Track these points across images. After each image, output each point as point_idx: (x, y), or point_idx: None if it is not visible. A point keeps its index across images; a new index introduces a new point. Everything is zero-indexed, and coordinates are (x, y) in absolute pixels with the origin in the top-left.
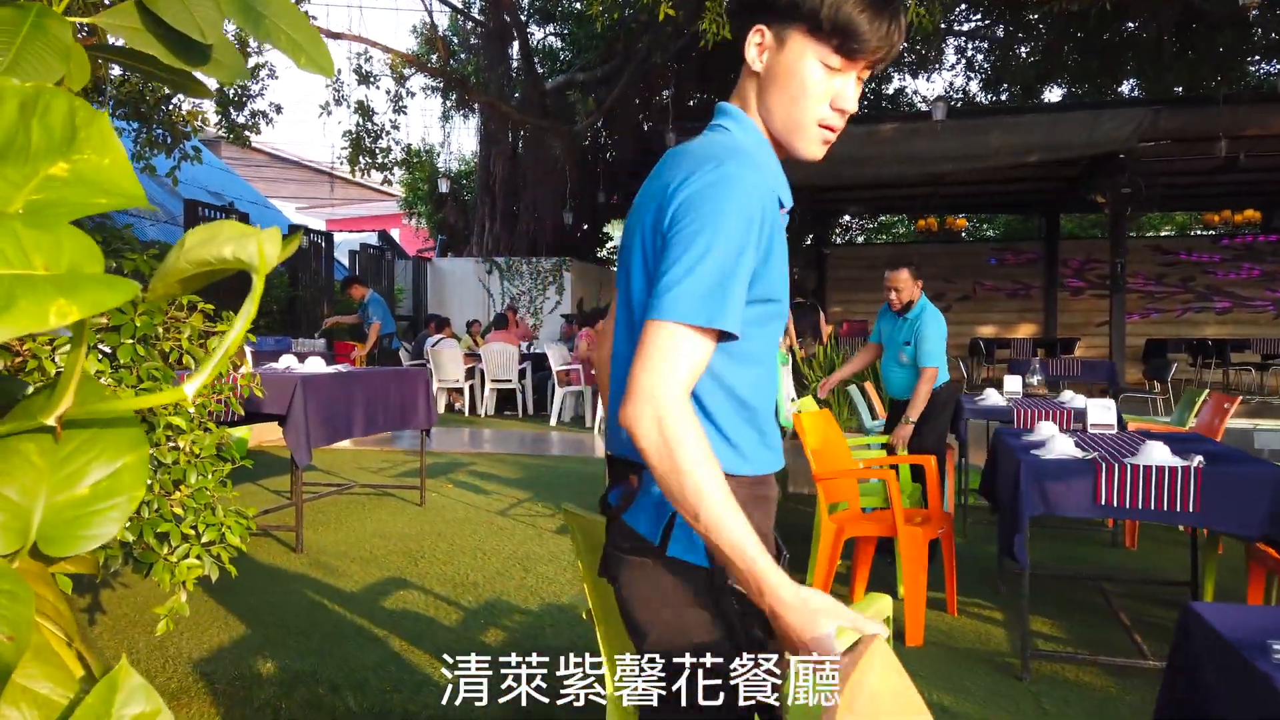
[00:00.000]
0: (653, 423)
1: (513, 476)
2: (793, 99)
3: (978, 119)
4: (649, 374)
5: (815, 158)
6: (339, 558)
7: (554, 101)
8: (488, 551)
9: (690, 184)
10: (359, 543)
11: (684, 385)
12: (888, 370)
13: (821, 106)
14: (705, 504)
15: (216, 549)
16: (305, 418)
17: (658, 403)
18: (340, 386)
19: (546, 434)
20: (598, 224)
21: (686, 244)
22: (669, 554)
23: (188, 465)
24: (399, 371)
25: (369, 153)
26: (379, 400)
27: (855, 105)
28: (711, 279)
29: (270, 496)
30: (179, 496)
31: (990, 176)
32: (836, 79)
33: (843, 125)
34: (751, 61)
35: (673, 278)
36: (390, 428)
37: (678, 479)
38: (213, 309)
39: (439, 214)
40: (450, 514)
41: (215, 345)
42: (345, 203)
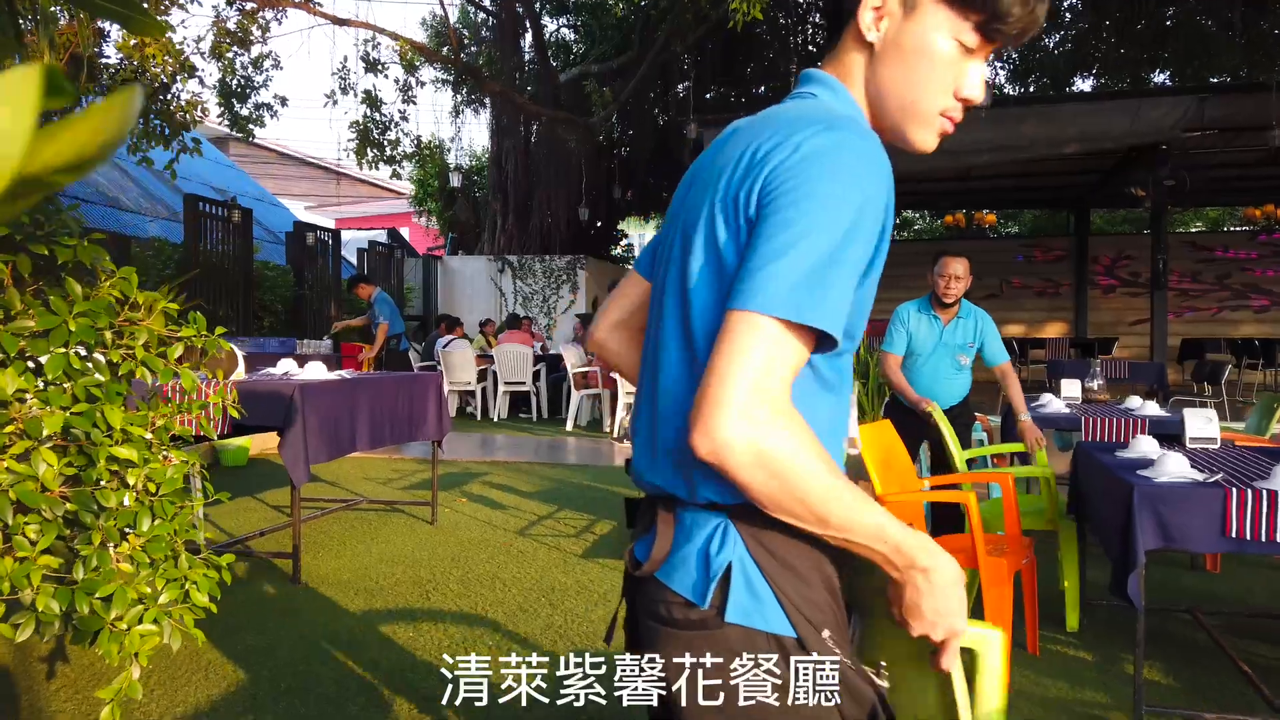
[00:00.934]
0: (745, 440)
1: (530, 489)
2: (919, 80)
3: (1013, 108)
4: (731, 378)
5: (927, 149)
6: (341, 589)
7: (568, 95)
8: (507, 581)
9: (788, 147)
10: (365, 570)
11: (776, 387)
12: (935, 378)
13: (948, 93)
14: (833, 509)
15: (179, 610)
16: (304, 431)
17: (747, 412)
18: (343, 396)
19: (563, 440)
20: (613, 221)
21: (784, 219)
22: (728, 620)
23: (139, 507)
24: (408, 377)
25: (377, 145)
26: (387, 410)
27: (982, 95)
28: (808, 264)
29: (269, 514)
30: (127, 548)
31: (1020, 170)
32: (969, 62)
33: (961, 117)
34: (866, 29)
35: (761, 259)
36: (399, 440)
37: (794, 500)
38: (178, 309)
39: (449, 211)
40: (465, 534)
41: (175, 353)
42: (355, 201)
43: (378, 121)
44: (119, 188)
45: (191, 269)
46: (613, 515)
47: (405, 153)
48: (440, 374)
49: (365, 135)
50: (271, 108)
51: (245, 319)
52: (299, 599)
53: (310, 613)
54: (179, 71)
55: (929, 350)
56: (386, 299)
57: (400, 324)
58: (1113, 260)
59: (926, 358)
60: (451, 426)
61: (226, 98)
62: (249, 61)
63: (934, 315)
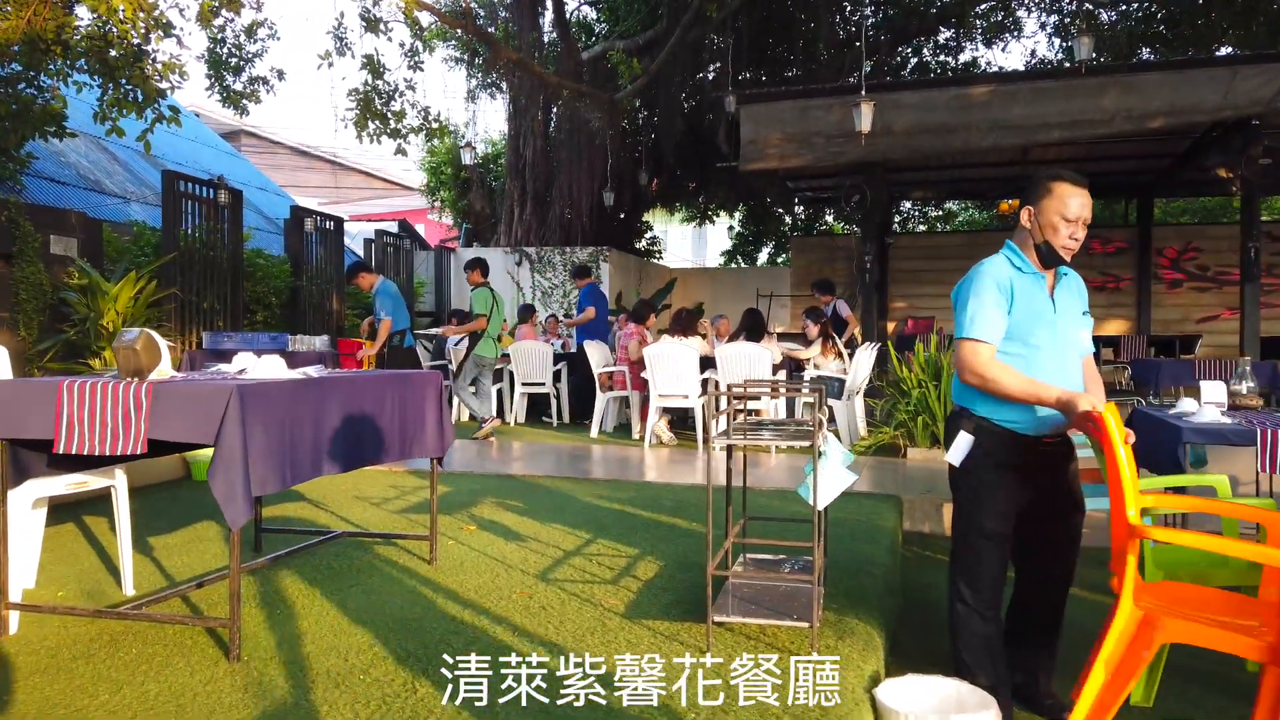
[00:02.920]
0: None
1: (553, 512)
2: None
3: (1090, 78)
4: None
5: None
6: (293, 675)
7: (591, 75)
8: (528, 657)
9: None
10: (330, 643)
11: None
12: (1063, 374)
13: None
14: None
15: None
16: (243, 451)
17: None
18: (305, 402)
19: (588, 448)
20: (638, 210)
21: None
22: None
23: None
24: (397, 377)
25: (379, 116)
26: (368, 419)
27: None
28: None
29: (220, 553)
30: None
31: (1083, 153)
32: None
33: None
34: None
35: None
36: (386, 458)
37: None
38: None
39: (463, 200)
40: (472, 579)
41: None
42: (370, 197)
43: (380, 90)
44: (102, 170)
45: (174, 255)
46: (654, 549)
47: (411, 126)
48: (439, 375)
49: (367, 105)
50: (268, 82)
51: (234, 312)
52: (229, 692)
53: (243, 712)
54: (152, 29)
55: (1044, 329)
56: (390, 290)
57: (405, 318)
58: (1179, 252)
59: (1045, 344)
60: (455, 438)
61: (217, 69)
62: (241, 30)
63: (1039, 276)
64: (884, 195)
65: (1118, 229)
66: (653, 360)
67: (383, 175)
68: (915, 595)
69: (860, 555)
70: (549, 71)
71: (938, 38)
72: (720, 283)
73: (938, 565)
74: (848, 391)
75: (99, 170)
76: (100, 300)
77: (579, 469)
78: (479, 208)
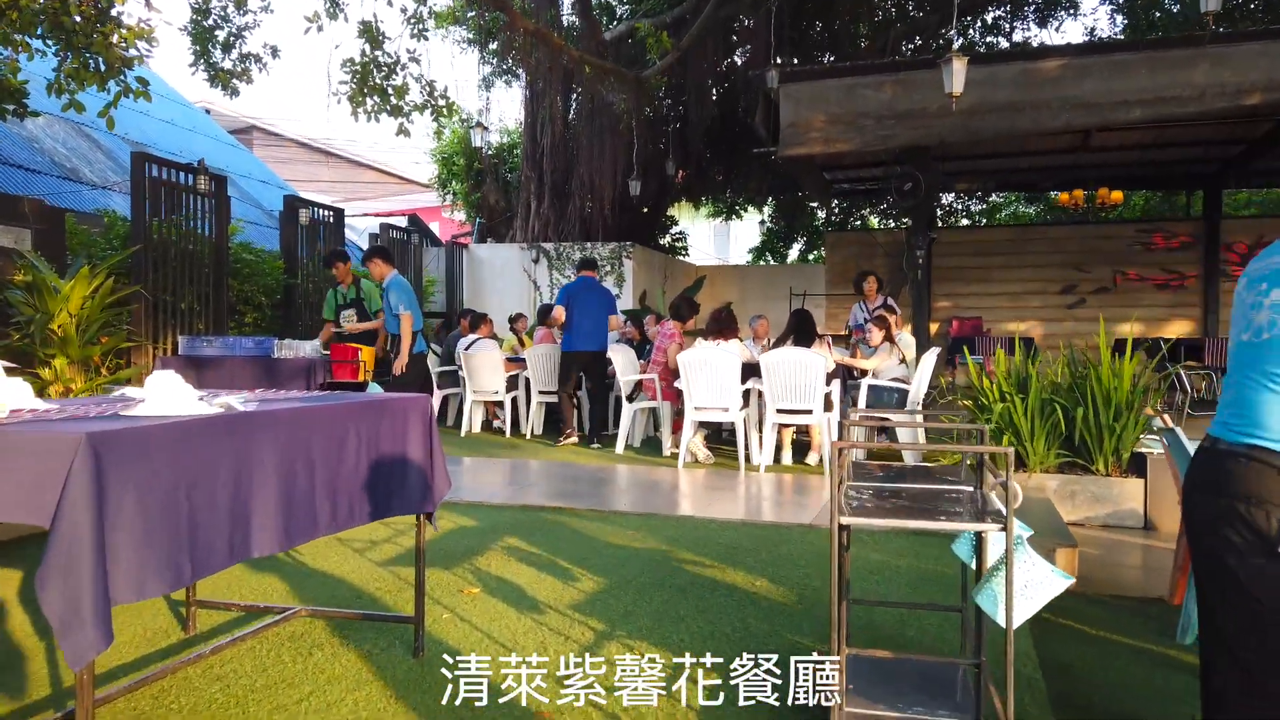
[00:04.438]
0: None
1: (577, 559)
2: None
3: (1176, 49)
4: None
5: None
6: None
7: (614, 55)
8: None
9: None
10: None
11: None
12: None
13: None
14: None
15: None
16: (96, 540)
17: None
18: (218, 451)
19: (613, 469)
20: (664, 203)
21: None
22: None
23: None
24: (369, 406)
25: (378, 91)
26: (324, 469)
27: None
28: None
29: (152, 626)
30: None
31: (1150, 139)
32: None
33: None
34: None
35: None
36: (353, 521)
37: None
38: None
39: (476, 193)
40: (470, 687)
41: None
42: (384, 195)
43: (379, 62)
44: (81, 157)
45: (140, 246)
46: (714, 625)
47: (415, 103)
48: (427, 399)
49: (364, 78)
50: (260, 59)
51: (218, 313)
52: None
53: None
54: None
55: None
56: (402, 284)
57: (419, 317)
58: (1250, 247)
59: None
60: (470, 440)
61: (203, 43)
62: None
63: None
64: (941, 184)
65: (1181, 222)
66: (688, 368)
67: (398, 172)
68: (1060, 684)
69: None
70: (571, 48)
71: (985, 17)
72: (749, 281)
73: (1066, 635)
74: (911, 404)
75: (77, 157)
76: (49, 300)
77: (607, 498)
78: (493, 201)
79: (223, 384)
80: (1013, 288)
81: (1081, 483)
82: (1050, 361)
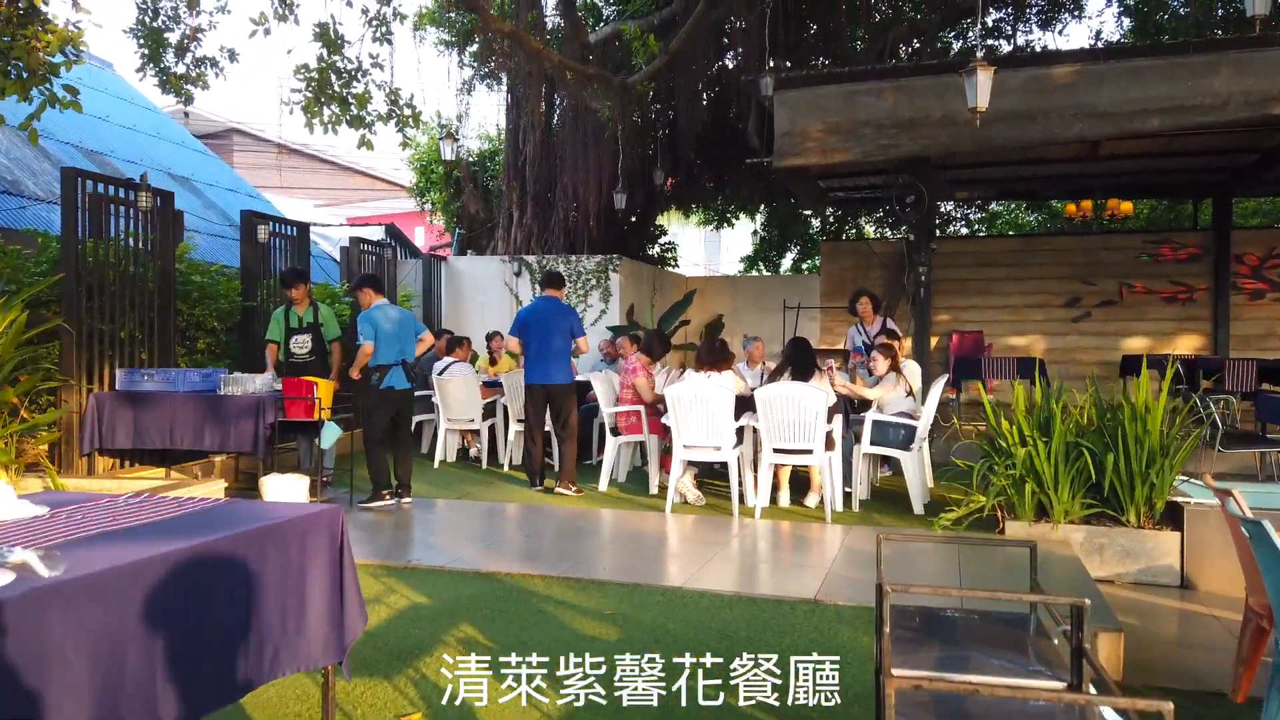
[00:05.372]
0: None
1: (552, 661)
2: None
3: (1196, 55)
4: None
5: None
6: None
7: (600, 59)
8: None
9: None
10: None
11: None
12: None
13: None
14: None
15: None
16: None
17: None
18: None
19: (596, 514)
20: (652, 212)
21: None
22: None
23: None
24: (252, 536)
25: (338, 100)
26: (161, 643)
27: None
28: None
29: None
30: None
31: (1160, 147)
32: None
33: None
34: None
35: None
36: (220, 701)
37: None
38: None
39: (456, 203)
40: None
41: None
42: (371, 199)
43: (339, 68)
44: (24, 168)
45: (69, 270)
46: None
47: (378, 113)
48: (336, 511)
49: (321, 85)
50: (216, 63)
51: (163, 342)
52: None
53: None
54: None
55: None
56: (371, 317)
57: (396, 351)
58: (1261, 259)
59: None
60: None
61: (154, 46)
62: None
63: None
64: (943, 195)
65: (1190, 232)
66: (677, 403)
67: (385, 177)
68: None
69: None
70: (552, 52)
71: (986, 20)
72: (741, 292)
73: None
74: (918, 440)
75: (20, 168)
76: None
77: (585, 559)
78: (473, 211)
79: (162, 424)
80: (1014, 300)
81: (1110, 535)
82: (1061, 388)
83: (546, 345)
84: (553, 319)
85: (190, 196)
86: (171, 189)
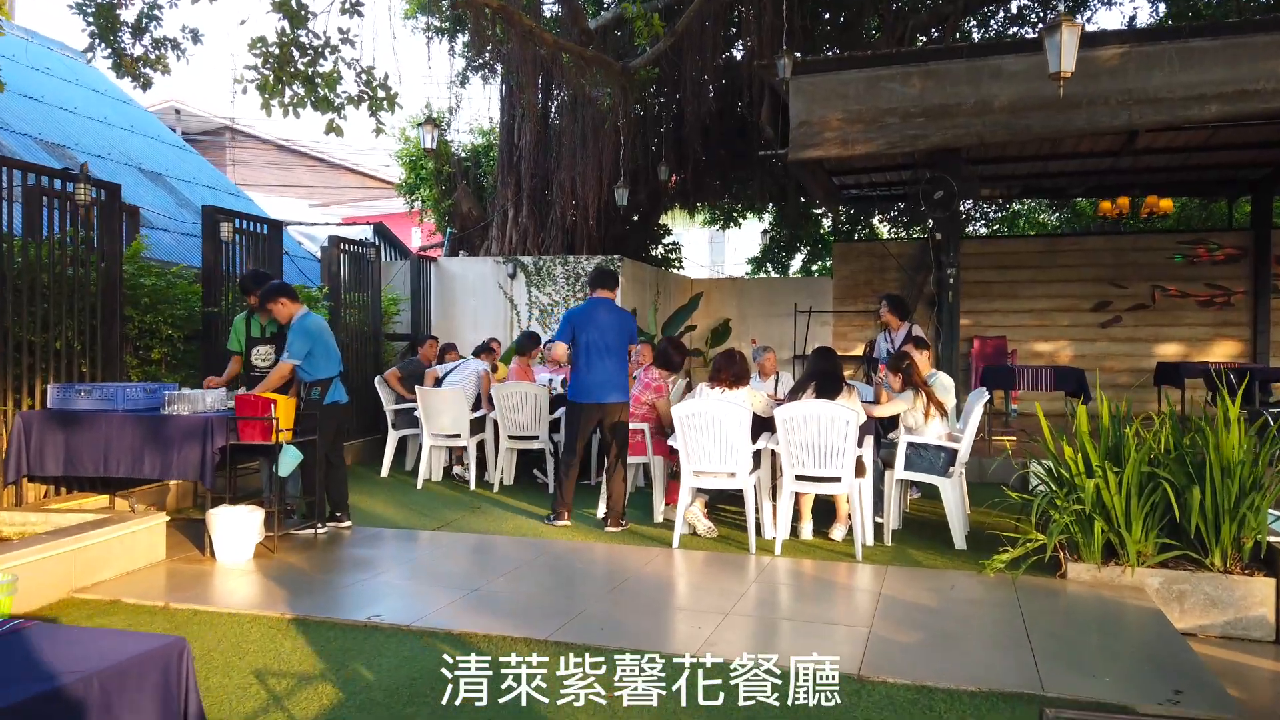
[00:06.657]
0: None
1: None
2: None
3: (1258, 35)
4: None
5: None
6: None
7: (600, 46)
8: None
9: None
10: None
11: None
12: None
13: None
14: None
15: None
16: None
17: None
18: None
19: (590, 549)
20: (655, 210)
21: None
22: None
23: None
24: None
25: (301, 78)
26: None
27: None
28: None
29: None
30: None
31: (1200, 141)
32: None
33: None
34: None
35: None
36: None
37: None
38: None
39: (447, 200)
40: None
41: None
42: (366, 199)
43: (302, 43)
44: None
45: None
46: None
47: (349, 95)
48: (182, 644)
49: (282, 63)
50: (178, 44)
51: (107, 353)
52: None
53: None
54: None
55: None
56: (307, 329)
57: (331, 364)
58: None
59: None
60: (429, 487)
61: (108, 24)
62: None
63: None
64: (972, 191)
65: (1227, 233)
66: (686, 423)
67: (380, 175)
68: None
69: None
70: (546, 32)
71: (1011, 6)
72: (749, 295)
73: None
74: (959, 465)
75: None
76: None
77: (579, 614)
78: (466, 209)
79: (95, 448)
80: (1039, 304)
81: (1193, 581)
82: (1129, 407)
83: (602, 356)
84: (610, 325)
85: (161, 193)
86: (142, 185)
